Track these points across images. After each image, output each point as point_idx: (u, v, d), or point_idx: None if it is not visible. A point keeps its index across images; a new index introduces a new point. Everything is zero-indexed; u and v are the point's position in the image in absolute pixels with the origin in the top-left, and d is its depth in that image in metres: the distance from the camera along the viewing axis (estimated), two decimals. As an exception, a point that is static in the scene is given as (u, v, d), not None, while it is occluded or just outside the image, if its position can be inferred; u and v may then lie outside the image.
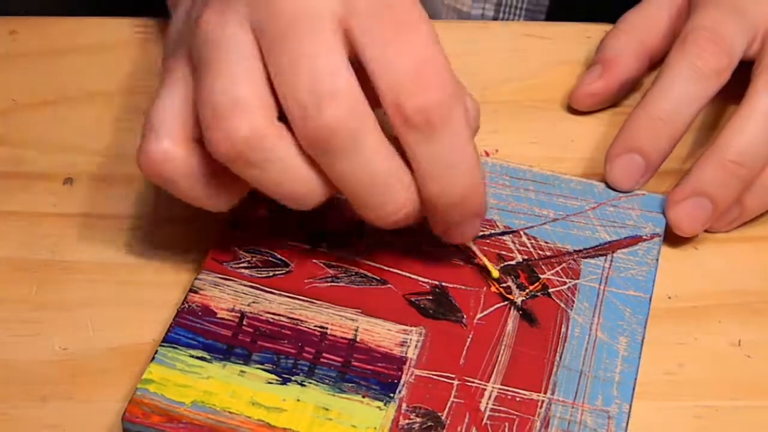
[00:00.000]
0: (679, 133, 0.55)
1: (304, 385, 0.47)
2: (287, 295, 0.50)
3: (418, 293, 0.51)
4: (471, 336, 0.49)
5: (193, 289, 0.50)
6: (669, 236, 0.54)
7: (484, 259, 0.51)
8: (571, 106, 0.61)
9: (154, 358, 0.48)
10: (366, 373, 0.48)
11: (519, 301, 0.51)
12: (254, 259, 0.51)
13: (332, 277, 0.51)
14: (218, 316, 0.49)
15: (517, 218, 0.54)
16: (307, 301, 0.50)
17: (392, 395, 0.47)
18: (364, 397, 0.47)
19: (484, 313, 0.50)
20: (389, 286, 0.51)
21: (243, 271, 0.51)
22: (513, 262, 0.52)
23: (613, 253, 0.53)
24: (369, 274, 0.51)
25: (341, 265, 0.51)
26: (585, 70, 0.61)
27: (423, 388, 0.47)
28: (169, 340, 0.48)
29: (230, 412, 0.46)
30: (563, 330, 0.50)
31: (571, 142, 0.59)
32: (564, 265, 0.52)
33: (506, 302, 0.51)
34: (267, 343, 0.48)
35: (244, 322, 0.49)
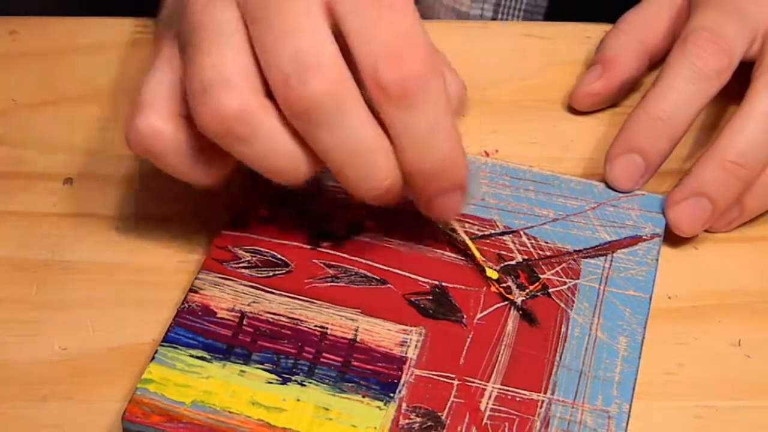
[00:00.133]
0: (680, 133, 0.55)
1: (304, 385, 0.47)
2: (287, 295, 0.50)
3: (418, 293, 0.51)
4: (471, 336, 0.49)
5: (193, 289, 0.50)
6: (669, 236, 0.54)
7: (467, 239, 0.52)
8: (571, 106, 0.61)
9: (154, 358, 0.48)
10: (366, 373, 0.48)
11: (519, 301, 0.51)
12: (254, 259, 0.51)
13: (332, 277, 0.51)
14: (218, 315, 0.49)
15: (517, 218, 0.54)
16: (307, 301, 0.50)
17: (392, 395, 0.47)
18: (364, 397, 0.47)
19: (484, 313, 0.50)
20: (389, 286, 0.51)
21: (243, 270, 0.51)
22: (513, 262, 0.52)
23: (613, 253, 0.53)
24: (369, 274, 0.51)
25: (341, 265, 0.51)
26: (585, 70, 0.61)
27: (423, 388, 0.47)
28: (169, 339, 0.48)
29: (230, 412, 0.46)
30: (563, 330, 0.50)
31: (571, 142, 0.59)
32: (564, 265, 0.52)
33: (506, 302, 0.51)
34: (267, 342, 0.48)
35: (244, 322, 0.49)
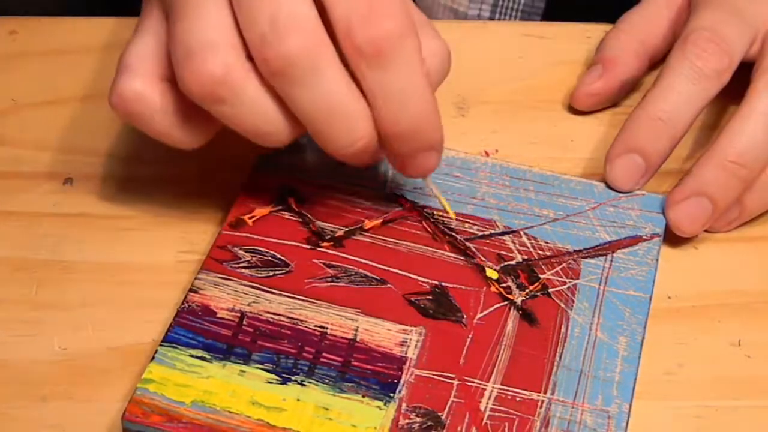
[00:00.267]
0: (680, 133, 0.55)
1: (304, 385, 0.47)
2: (287, 294, 0.50)
3: (418, 293, 0.51)
4: (471, 336, 0.49)
5: (193, 289, 0.50)
6: (669, 236, 0.54)
7: (442, 199, 0.52)
8: (571, 106, 0.61)
9: (153, 358, 0.48)
10: (366, 373, 0.48)
11: (519, 301, 0.51)
12: (254, 259, 0.51)
13: (332, 277, 0.51)
14: (218, 315, 0.49)
15: (517, 218, 0.54)
16: (307, 301, 0.50)
17: (392, 395, 0.47)
18: (364, 397, 0.47)
19: (484, 313, 0.50)
20: (389, 286, 0.51)
21: (243, 270, 0.51)
22: (513, 262, 0.52)
23: (613, 253, 0.53)
24: (369, 274, 0.51)
25: (341, 265, 0.51)
26: (585, 70, 0.61)
27: (423, 388, 0.47)
28: (169, 339, 0.48)
29: (230, 412, 0.46)
30: (563, 330, 0.50)
31: (571, 142, 0.59)
32: (564, 265, 0.52)
33: (506, 302, 0.51)
34: (267, 342, 0.48)
35: (244, 322, 0.49)
